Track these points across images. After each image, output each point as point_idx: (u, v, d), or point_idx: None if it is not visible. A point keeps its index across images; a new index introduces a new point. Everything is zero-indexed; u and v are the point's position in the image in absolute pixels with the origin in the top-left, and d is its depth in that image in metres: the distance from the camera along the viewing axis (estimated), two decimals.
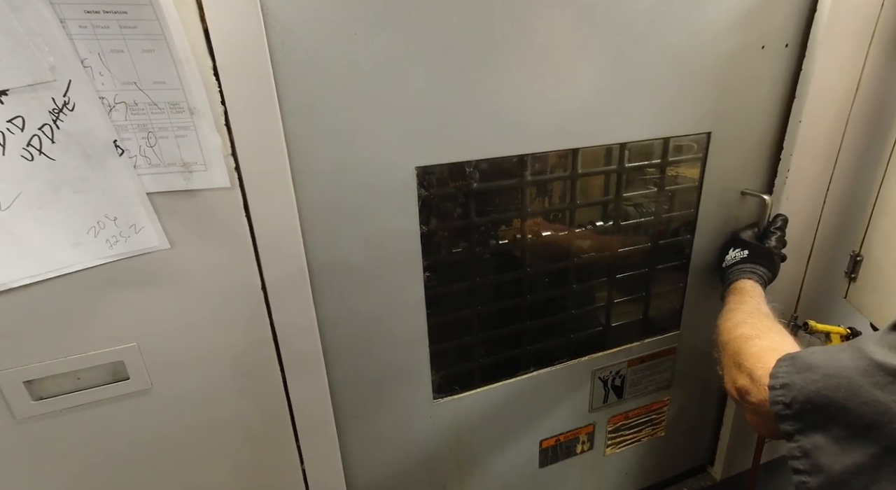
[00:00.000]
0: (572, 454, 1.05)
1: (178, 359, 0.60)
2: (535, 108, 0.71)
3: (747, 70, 0.83)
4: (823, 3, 0.80)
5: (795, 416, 0.43)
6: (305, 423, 0.71)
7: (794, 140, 0.88)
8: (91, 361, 0.56)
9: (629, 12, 0.71)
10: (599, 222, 0.87)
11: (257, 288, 0.61)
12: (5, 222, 0.46)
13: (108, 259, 0.51)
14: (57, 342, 0.54)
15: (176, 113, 0.49)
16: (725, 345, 0.65)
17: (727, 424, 1.18)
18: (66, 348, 0.54)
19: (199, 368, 0.62)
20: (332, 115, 0.61)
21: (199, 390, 0.62)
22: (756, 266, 0.84)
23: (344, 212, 0.66)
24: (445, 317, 0.81)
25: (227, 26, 0.50)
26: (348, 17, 0.57)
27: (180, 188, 0.52)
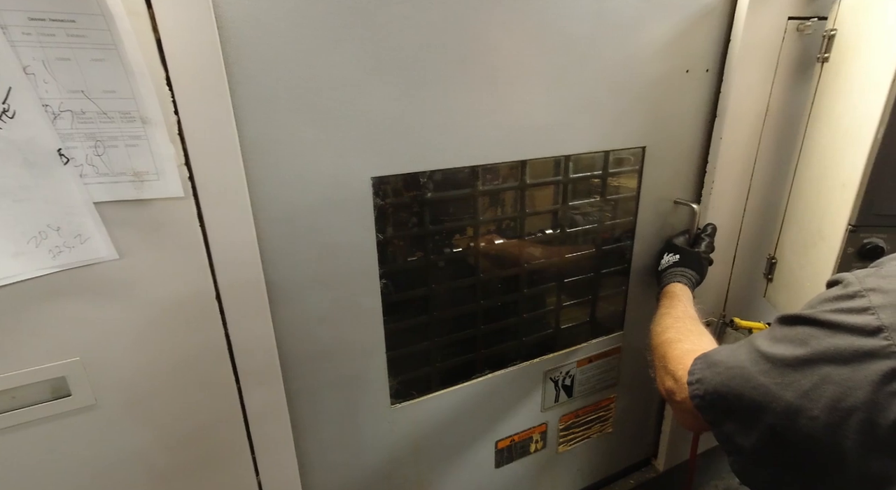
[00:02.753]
0: (526, 453, 1.09)
1: (125, 373, 0.58)
2: (487, 122, 0.75)
3: (675, 91, 0.91)
4: (735, 33, 0.90)
5: (710, 406, 0.48)
6: (261, 434, 0.70)
7: (716, 155, 0.97)
8: (29, 378, 0.53)
9: (572, 36, 0.77)
10: (549, 230, 0.92)
11: (212, 299, 0.61)
12: None
13: (51, 270, 0.49)
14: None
15: (127, 122, 0.48)
16: (655, 349, 0.72)
17: (668, 419, 1.26)
18: (4, 364, 0.52)
19: (149, 382, 0.60)
20: (288, 127, 0.62)
21: (149, 405, 0.61)
22: (686, 270, 0.92)
23: (301, 221, 0.67)
24: (402, 323, 0.82)
25: (180, 38, 0.50)
26: (306, 32, 0.59)
27: (131, 198, 0.51)
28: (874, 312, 0.34)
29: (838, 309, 0.37)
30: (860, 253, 0.83)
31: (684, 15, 0.86)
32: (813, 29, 0.92)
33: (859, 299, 0.36)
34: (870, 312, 0.34)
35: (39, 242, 0.48)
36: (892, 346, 0.33)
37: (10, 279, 0.48)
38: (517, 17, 0.72)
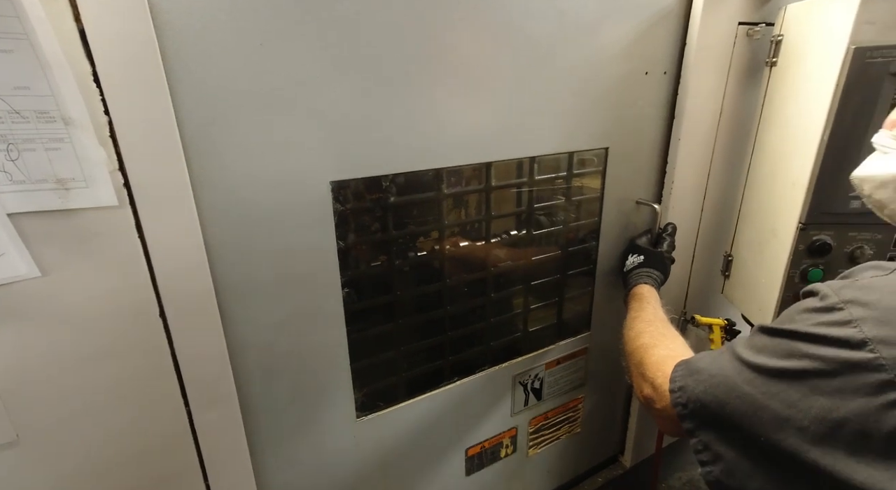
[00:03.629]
0: (497, 459, 1.07)
1: (52, 402, 0.52)
2: (451, 123, 0.73)
3: (635, 93, 0.92)
4: (691, 36, 0.92)
5: (692, 415, 0.48)
6: (214, 456, 0.65)
7: (675, 155, 0.99)
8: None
9: (534, 37, 0.76)
10: (514, 231, 0.91)
11: (155, 315, 0.55)
12: None
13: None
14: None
15: (46, 123, 0.43)
16: (630, 355, 0.72)
17: (633, 416, 1.28)
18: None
19: (81, 410, 0.54)
20: (238, 128, 0.57)
21: (83, 435, 0.55)
22: (651, 270, 0.93)
23: (255, 228, 0.62)
24: (366, 332, 0.79)
25: (108, 28, 0.45)
26: (252, 26, 0.54)
27: (54, 208, 0.46)
28: (856, 325, 0.35)
29: (820, 322, 0.37)
30: (810, 250, 0.87)
31: (642, 18, 0.87)
32: (761, 34, 0.96)
33: (839, 312, 0.36)
34: (852, 325, 0.35)
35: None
36: (879, 359, 0.33)
37: None
38: (480, 15, 0.70)
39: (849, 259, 0.87)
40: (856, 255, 0.86)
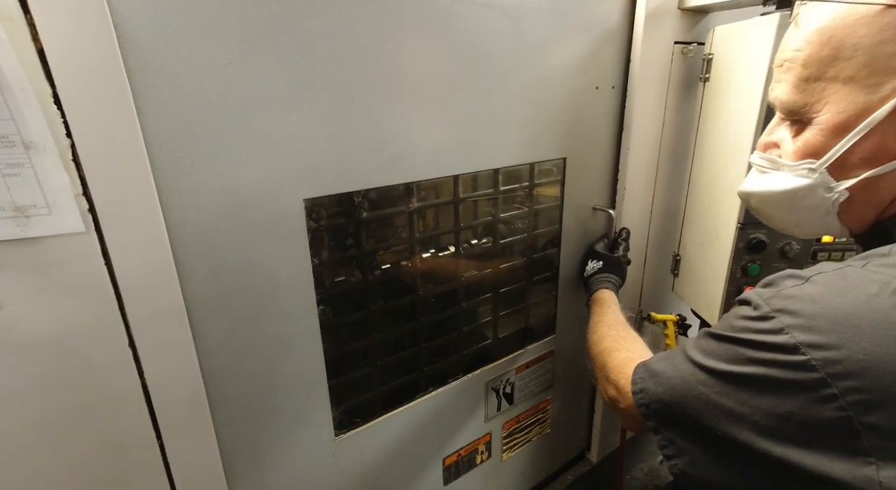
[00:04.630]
0: (473, 466, 1.08)
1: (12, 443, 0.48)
2: (418, 139, 0.75)
3: (588, 106, 0.98)
4: (634, 54, 1.00)
5: (654, 414, 0.51)
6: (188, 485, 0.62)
7: (626, 164, 1.06)
8: None
9: (494, 55, 0.79)
10: (484, 243, 0.94)
11: (123, 343, 0.53)
12: None
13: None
14: None
15: (3, 148, 0.40)
16: (594, 359, 0.76)
17: (598, 412, 1.34)
18: None
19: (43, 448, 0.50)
20: (209, 147, 0.56)
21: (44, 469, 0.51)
22: (610, 275, 0.99)
23: (228, 250, 0.61)
24: (343, 348, 0.78)
25: (68, 47, 0.43)
26: (221, 44, 0.54)
27: (12, 237, 0.43)
28: (787, 332, 0.39)
29: (758, 329, 0.41)
30: (748, 247, 0.95)
31: (591, 37, 0.93)
32: (694, 52, 1.05)
33: (771, 321, 0.40)
34: (784, 333, 0.39)
35: None
36: (811, 360, 0.37)
37: None
38: (443, 35, 0.72)
39: (780, 253, 0.96)
40: (785, 249, 0.96)
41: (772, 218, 0.57)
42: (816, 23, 0.45)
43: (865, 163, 0.45)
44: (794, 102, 0.48)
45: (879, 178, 0.45)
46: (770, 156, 0.53)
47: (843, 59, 0.44)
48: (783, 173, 0.51)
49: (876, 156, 0.44)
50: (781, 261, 0.96)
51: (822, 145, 0.47)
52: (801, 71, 0.46)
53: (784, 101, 0.49)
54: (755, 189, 0.55)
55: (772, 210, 0.55)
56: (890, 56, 0.41)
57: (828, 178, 0.47)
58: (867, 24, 0.42)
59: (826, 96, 0.46)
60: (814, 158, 0.47)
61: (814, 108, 0.47)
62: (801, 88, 0.47)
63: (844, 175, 0.47)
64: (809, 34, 0.46)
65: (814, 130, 0.47)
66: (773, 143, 0.53)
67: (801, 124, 0.49)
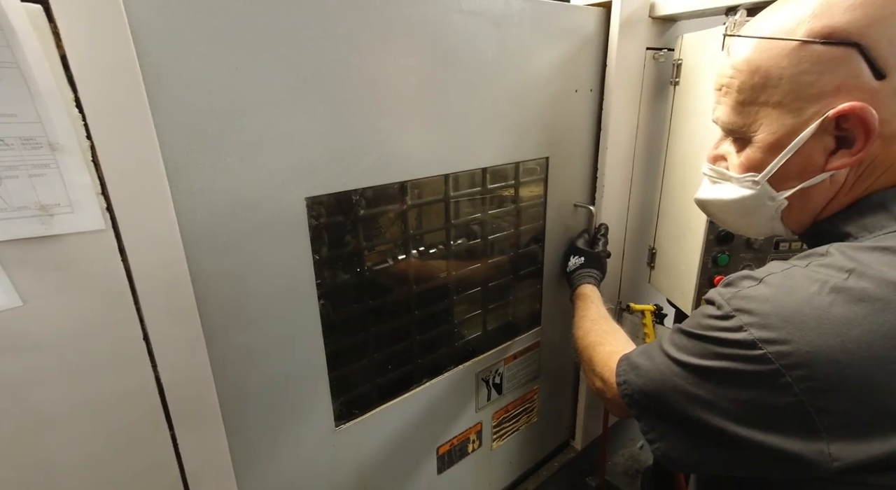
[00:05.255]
0: (465, 455, 1.12)
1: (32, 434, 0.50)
2: (412, 140, 0.79)
3: (568, 108, 1.04)
4: (610, 59, 1.06)
5: (637, 404, 0.56)
6: (199, 480, 0.64)
7: (604, 162, 1.12)
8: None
9: (479, 60, 0.84)
10: (474, 239, 0.98)
11: (138, 337, 0.55)
12: None
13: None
14: None
15: (31, 150, 0.42)
16: (581, 353, 0.81)
17: (581, 402, 1.40)
18: None
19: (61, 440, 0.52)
20: (218, 149, 0.58)
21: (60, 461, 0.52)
22: (592, 270, 1.05)
23: (234, 247, 0.63)
24: (342, 341, 0.81)
25: (89, 54, 0.46)
26: (228, 51, 0.57)
27: (36, 235, 0.45)
28: (746, 329, 0.44)
29: (721, 327, 0.46)
30: (717, 239, 1.02)
31: (570, 43, 0.99)
32: (665, 58, 1.12)
33: (732, 319, 0.45)
34: (743, 330, 0.44)
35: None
36: (767, 354, 0.42)
37: None
38: (433, 41, 0.76)
39: (746, 244, 1.04)
40: (751, 241, 1.03)
41: (726, 222, 0.63)
42: (744, 53, 0.50)
43: (798, 176, 0.51)
44: (734, 123, 0.53)
45: (811, 189, 0.51)
46: (718, 168, 0.58)
47: (770, 87, 0.49)
48: (731, 184, 0.56)
49: (806, 169, 0.50)
50: (748, 251, 1.04)
51: (761, 161, 0.52)
52: (737, 95, 0.52)
53: (725, 122, 0.54)
54: (710, 197, 0.61)
55: (726, 215, 0.61)
56: (809, 85, 0.46)
57: (769, 189, 0.53)
58: (787, 57, 0.47)
59: (760, 118, 0.51)
60: (755, 172, 0.53)
61: (751, 128, 0.52)
62: (738, 111, 0.52)
63: (783, 186, 0.52)
64: (739, 63, 0.51)
65: (753, 148, 0.52)
66: (720, 156, 0.58)
67: (743, 142, 0.54)
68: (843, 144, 0.47)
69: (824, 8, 0.45)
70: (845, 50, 0.44)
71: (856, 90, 0.45)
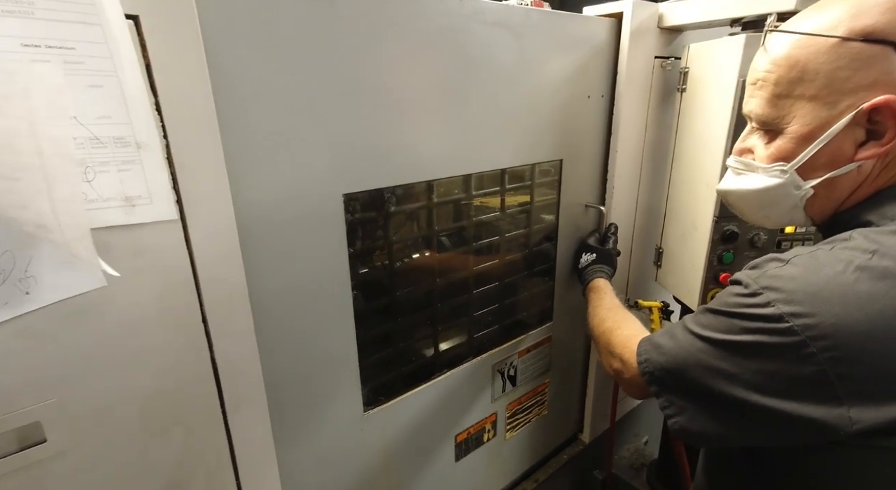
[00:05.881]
0: (480, 444, 1.17)
1: (109, 408, 0.55)
2: (438, 141, 0.84)
3: (581, 113, 1.09)
4: (621, 67, 1.12)
5: (657, 380, 0.60)
6: (246, 457, 0.69)
7: (614, 165, 1.18)
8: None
9: (500, 67, 0.90)
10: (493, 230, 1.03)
11: (198, 321, 0.60)
12: None
13: (35, 306, 0.46)
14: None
15: (121, 147, 0.48)
16: (598, 338, 0.86)
17: (590, 396, 1.45)
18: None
19: (131, 416, 0.57)
20: (268, 148, 0.64)
21: (130, 438, 0.57)
22: (603, 266, 1.10)
23: (279, 240, 0.69)
24: (371, 331, 0.86)
25: (170, 63, 0.51)
26: (285, 59, 0.62)
27: (120, 223, 0.50)
28: (773, 305, 0.48)
29: (748, 304, 0.50)
30: (722, 238, 1.08)
31: (583, 51, 1.04)
32: (672, 66, 1.18)
33: (759, 296, 0.49)
34: (770, 306, 0.48)
35: None
36: (794, 327, 0.46)
37: None
38: (457, 50, 0.82)
39: (749, 243, 1.09)
40: (754, 240, 1.08)
41: (745, 212, 0.67)
42: (783, 49, 0.54)
43: (827, 165, 0.55)
44: (768, 115, 0.57)
45: (838, 179, 0.55)
46: (745, 159, 0.63)
47: (807, 81, 0.52)
48: (757, 174, 0.60)
49: (835, 160, 0.54)
50: (751, 249, 1.09)
51: (792, 151, 0.56)
52: (773, 89, 0.55)
53: (758, 114, 0.58)
54: (732, 187, 0.65)
55: (745, 205, 0.65)
56: (845, 79, 0.51)
57: (797, 178, 0.57)
58: (826, 53, 0.51)
59: (794, 110, 0.54)
60: (785, 161, 0.57)
61: (784, 120, 0.55)
62: (773, 104, 0.56)
63: (810, 175, 0.56)
64: (778, 59, 0.55)
65: (785, 138, 0.56)
66: (746, 149, 0.63)
67: (774, 133, 0.58)
68: (872, 136, 0.52)
69: (863, 9, 0.50)
70: (882, 48, 0.49)
71: (889, 86, 0.49)
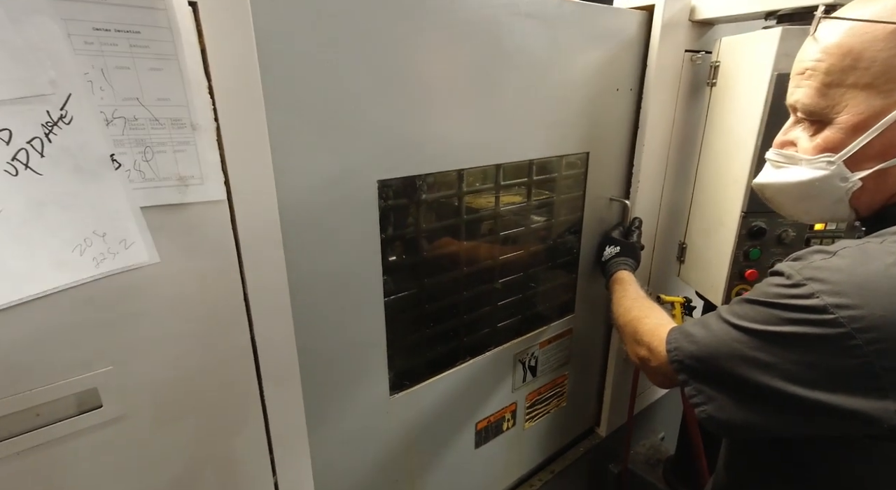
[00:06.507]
0: (500, 432, 1.19)
1: (156, 379, 0.58)
2: (469, 131, 0.85)
3: (609, 106, 1.09)
4: (650, 60, 1.11)
5: (687, 368, 0.60)
6: (280, 433, 0.72)
7: (640, 159, 1.17)
8: (58, 393, 0.51)
9: (532, 59, 0.90)
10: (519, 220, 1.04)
11: (240, 300, 0.62)
12: None
13: (94, 278, 0.49)
14: (22, 374, 0.48)
15: (177, 129, 0.50)
16: (623, 327, 0.85)
17: (608, 390, 1.45)
18: (30, 381, 0.49)
19: (179, 386, 0.59)
20: (309, 134, 0.66)
21: (178, 410, 0.60)
22: (627, 259, 1.10)
23: (316, 223, 0.71)
24: (398, 316, 0.88)
25: (223, 48, 0.53)
26: (328, 48, 0.64)
27: (173, 202, 0.52)
28: (818, 296, 0.48)
29: (791, 295, 0.50)
30: (749, 234, 1.07)
31: (613, 44, 1.04)
32: (702, 60, 1.17)
33: (803, 288, 0.49)
34: (815, 297, 0.48)
35: (84, 250, 0.48)
36: (839, 318, 0.46)
37: (52, 290, 0.47)
38: (492, 42, 0.83)
39: (777, 240, 1.08)
40: (782, 236, 1.08)
41: (783, 206, 0.65)
42: (835, 37, 0.53)
43: (878, 156, 0.53)
44: (816, 105, 0.55)
45: (889, 170, 0.54)
46: (786, 152, 0.61)
47: (861, 69, 0.51)
48: (799, 167, 0.59)
49: (888, 150, 0.53)
50: (778, 246, 1.08)
51: (840, 141, 0.55)
52: (823, 78, 0.54)
53: (806, 104, 0.56)
54: (770, 181, 0.63)
55: (784, 199, 0.64)
56: None
57: (844, 170, 0.55)
58: (884, 40, 0.50)
59: (845, 100, 0.53)
60: (831, 153, 0.55)
61: (833, 110, 0.54)
62: (822, 93, 0.54)
63: (859, 167, 0.55)
64: (830, 47, 0.53)
65: (833, 129, 0.54)
66: (788, 142, 0.61)
67: (821, 124, 0.56)
68: None
69: None
70: None
71: None
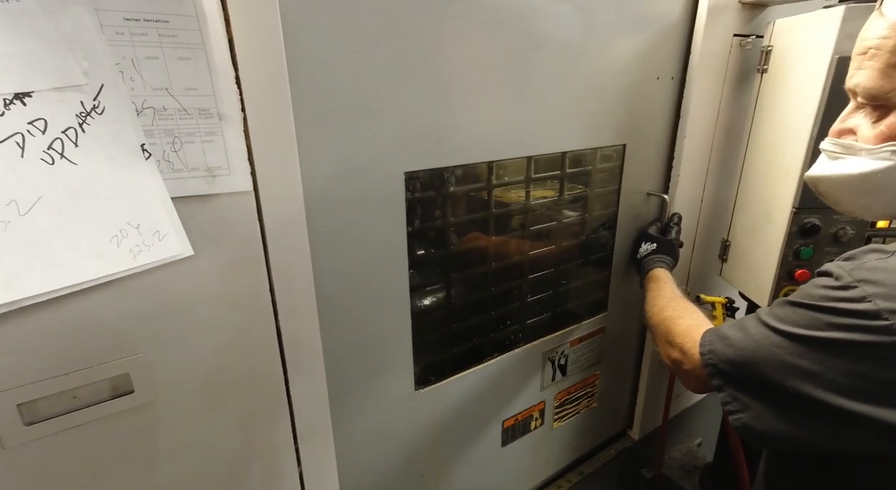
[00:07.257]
0: (527, 431, 1.17)
1: (186, 368, 0.59)
2: (500, 122, 0.83)
3: (647, 96, 1.04)
4: (695, 46, 1.05)
5: (721, 373, 0.56)
6: (305, 426, 0.72)
7: (681, 151, 1.11)
8: (93, 377, 0.53)
9: (565, 46, 0.87)
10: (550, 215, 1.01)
11: (265, 291, 0.63)
12: (24, 229, 0.43)
13: (132, 271, 0.50)
14: (60, 358, 0.50)
15: (205, 119, 0.50)
16: (656, 327, 0.81)
17: (641, 392, 1.40)
18: (68, 364, 0.51)
19: (206, 377, 0.61)
20: (335, 125, 0.66)
21: (204, 400, 0.61)
22: (664, 256, 1.05)
23: (342, 215, 0.71)
24: (424, 311, 0.87)
25: (250, 38, 0.53)
26: (353, 36, 0.63)
27: (202, 193, 0.53)
28: (870, 300, 0.44)
29: (839, 298, 0.46)
30: (801, 231, 1.00)
31: (654, 29, 0.99)
32: (752, 45, 1.09)
33: (854, 290, 0.45)
34: (867, 300, 0.44)
35: (120, 242, 0.49)
36: (893, 325, 0.42)
37: (93, 281, 0.48)
38: (525, 27, 0.80)
39: (833, 238, 1.00)
40: (839, 234, 1.00)
41: (840, 201, 0.59)
42: None
43: None
44: (880, 88, 0.50)
45: None
46: (845, 141, 0.56)
47: None
48: (859, 157, 0.53)
49: None
50: (834, 245, 1.01)
51: None
52: (889, 58, 0.49)
53: (868, 87, 0.51)
54: (825, 173, 0.58)
55: (842, 194, 0.58)
56: None
57: None
58: None
59: None
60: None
61: None
62: (887, 74, 0.49)
63: None
64: None
65: None
66: (847, 130, 0.56)
67: (885, 109, 0.51)
68: None
69: None
70: None
71: None
